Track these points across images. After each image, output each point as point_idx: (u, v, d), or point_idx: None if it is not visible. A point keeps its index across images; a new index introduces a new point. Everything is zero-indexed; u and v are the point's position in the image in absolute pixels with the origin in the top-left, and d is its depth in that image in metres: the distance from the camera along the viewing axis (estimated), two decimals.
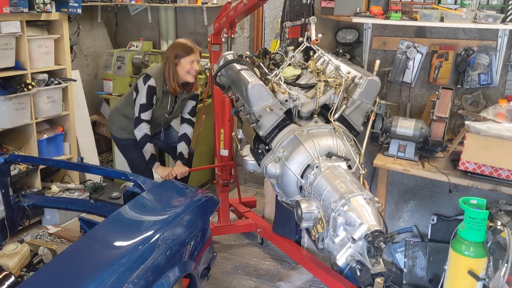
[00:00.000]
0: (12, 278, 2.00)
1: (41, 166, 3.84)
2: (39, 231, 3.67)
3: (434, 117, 2.73)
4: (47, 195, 3.81)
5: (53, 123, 4.12)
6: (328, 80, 2.05)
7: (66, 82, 4.02)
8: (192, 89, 3.31)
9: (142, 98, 3.14)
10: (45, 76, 3.86)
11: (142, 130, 3.17)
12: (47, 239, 3.57)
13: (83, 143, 4.45)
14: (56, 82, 3.93)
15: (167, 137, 3.53)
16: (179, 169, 3.27)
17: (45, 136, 3.99)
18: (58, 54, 3.99)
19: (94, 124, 4.88)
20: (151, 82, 3.12)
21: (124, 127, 3.35)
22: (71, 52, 4.19)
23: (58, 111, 4.03)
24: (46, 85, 3.87)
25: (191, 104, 3.39)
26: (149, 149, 3.20)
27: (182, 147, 3.35)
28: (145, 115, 3.16)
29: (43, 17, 3.76)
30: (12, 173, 3.36)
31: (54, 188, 3.96)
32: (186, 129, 3.38)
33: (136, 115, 3.18)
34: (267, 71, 2.22)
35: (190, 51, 3.13)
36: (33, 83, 3.70)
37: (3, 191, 2.99)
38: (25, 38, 3.64)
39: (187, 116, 3.40)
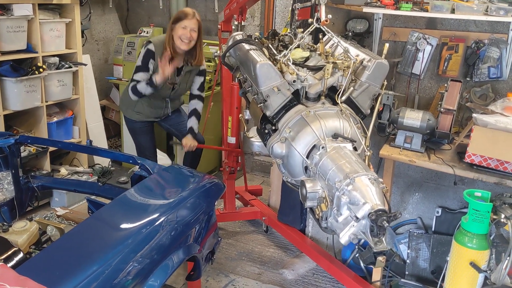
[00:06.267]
0: (21, 254, 2.03)
1: (51, 149, 3.88)
2: (47, 212, 3.69)
3: (442, 109, 2.71)
4: (56, 177, 3.84)
5: (63, 106, 4.16)
6: (337, 62, 2.05)
7: (77, 66, 4.06)
8: (195, 61, 3.26)
9: (138, 61, 3.18)
10: (56, 59, 3.90)
11: (131, 86, 3.19)
12: (55, 220, 3.61)
13: (92, 127, 4.50)
14: (66, 66, 3.98)
15: (176, 119, 3.54)
16: (188, 141, 3.28)
17: (55, 119, 4.04)
18: (69, 38, 4.03)
19: (103, 109, 4.92)
20: (150, 46, 3.15)
21: (134, 107, 3.36)
22: (82, 37, 4.24)
23: (68, 95, 4.08)
24: (57, 68, 3.91)
25: (199, 80, 3.40)
26: (144, 86, 3.14)
27: (192, 122, 3.37)
28: (138, 76, 3.17)
29: (55, 0, 3.80)
30: (22, 155, 3.40)
31: (63, 171, 4.00)
32: (196, 104, 3.40)
33: (131, 77, 3.21)
34: (275, 52, 2.21)
35: (184, 16, 3.11)
36: (44, 66, 3.74)
37: (13, 171, 3.03)
38: (37, 21, 3.68)
39: (196, 92, 3.42)
